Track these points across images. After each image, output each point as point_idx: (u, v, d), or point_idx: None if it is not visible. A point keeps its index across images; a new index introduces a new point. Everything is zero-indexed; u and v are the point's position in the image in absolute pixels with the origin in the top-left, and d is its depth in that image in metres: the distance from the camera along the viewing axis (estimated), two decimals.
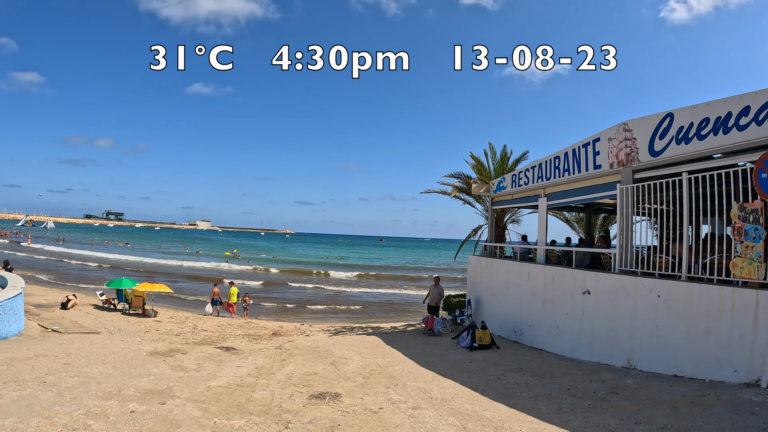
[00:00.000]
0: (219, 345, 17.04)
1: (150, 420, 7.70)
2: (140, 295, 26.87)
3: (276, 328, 23.46)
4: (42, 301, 26.79)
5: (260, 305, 35.58)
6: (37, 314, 21.55)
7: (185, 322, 24.73)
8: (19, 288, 16.52)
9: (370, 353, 15.36)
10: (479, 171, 24.84)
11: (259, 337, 20.28)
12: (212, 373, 11.60)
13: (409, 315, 31.95)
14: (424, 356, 14.87)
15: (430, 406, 9.04)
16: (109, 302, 28.21)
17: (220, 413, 8.30)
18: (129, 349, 14.41)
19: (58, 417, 7.49)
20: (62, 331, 18.28)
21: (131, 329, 21.68)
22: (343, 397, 9.61)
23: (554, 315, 15.31)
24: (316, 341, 18.38)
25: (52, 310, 24.19)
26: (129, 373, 10.95)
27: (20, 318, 16.08)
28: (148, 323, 23.81)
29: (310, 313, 33.29)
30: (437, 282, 23.37)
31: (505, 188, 20.89)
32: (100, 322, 22.56)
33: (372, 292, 47.17)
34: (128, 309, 27.07)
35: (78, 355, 12.61)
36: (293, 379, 11.25)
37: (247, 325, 24.71)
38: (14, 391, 8.70)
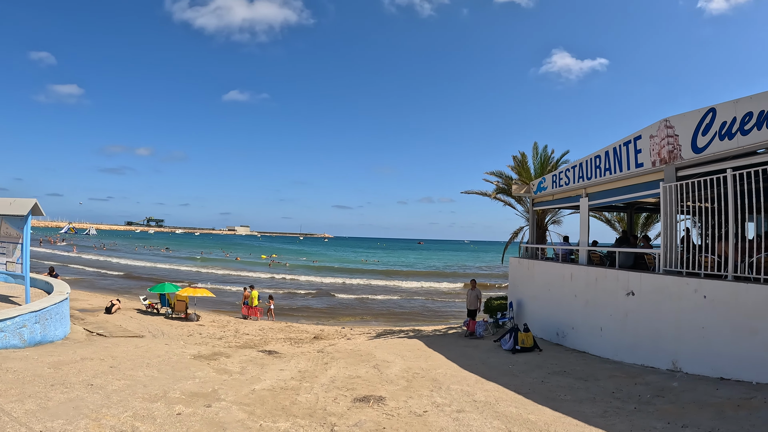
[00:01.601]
0: (261, 348, 17.18)
1: (196, 422, 7.80)
2: (183, 299, 27.30)
3: (317, 332, 23.58)
4: (86, 305, 27.30)
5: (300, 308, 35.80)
6: (82, 318, 21.98)
7: (227, 326, 24.99)
8: (64, 293, 16.86)
9: (412, 356, 15.36)
10: (520, 172, 24.68)
11: (301, 341, 20.41)
12: (256, 377, 11.70)
13: (450, 318, 31.86)
14: (467, 359, 14.82)
15: (474, 410, 9.02)
16: (152, 307, 28.72)
17: (266, 416, 8.37)
18: (173, 353, 14.61)
19: (106, 419, 7.61)
20: (107, 335, 18.63)
21: (174, 333, 22.01)
22: (387, 401, 9.63)
23: (597, 317, 15.13)
24: (357, 345, 18.43)
25: (97, 315, 24.64)
26: (174, 376, 11.09)
27: (66, 322, 16.43)
28: (190, 327, 24.13)
29: (350, 316, 33.36)
30: (473, 285, 23.24)
31: (545, 189, 20.72)
32: (144, 326, 22.93)
33: (412, 294, 47.07)
34: (171, 313, 27.54)
35: (123, 359, 12.81)
36: (337, 383, 11.30)
37: (288, 329, 24.87)
38: (62, 393, 8.84)
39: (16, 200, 16.11)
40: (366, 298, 43.68)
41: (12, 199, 16.28)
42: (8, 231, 16.37)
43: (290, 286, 51.02)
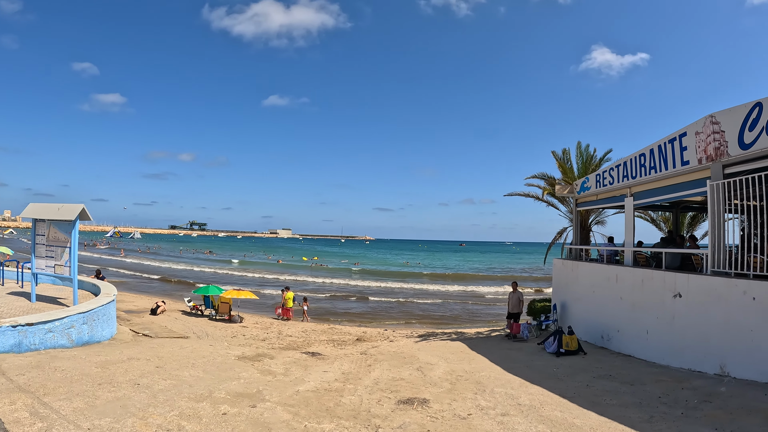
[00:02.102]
0: (305, 350, 17.29)
1: (242, 422, 7.86)
2: (227, 301, 27.66)
3: (360, 334, 23.65)
4: (132, 307, 27.80)
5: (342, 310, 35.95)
6: (128, 320, 22.38)
7: (270, 328, 25.22)
8: (111, 295, 17.19)
9: (455, 359, 15.31)
10: (564, 171, 24.43)
11: (344, 343, 20.48)
12: (300, 378, 11.77)
13: (493, 320, 31.68)
14: (510, 362, 14.71)
15: (519, 413, 8.95)
16: (197, 308, 29.18)
17: (310, 417, 8.40)
18: (218, 354, 14.78)
19: (153, 418, 7.71)
20: (153, 336, 18.93)
21: (219, 334, 22.28)
22: (431, 403, 9.60)
23: (643, 319, 14.87)
24: (400, 347, 18.43)
25: (142, 316, 25.08)
26: (219, 377, 11.22)
27: (113, 323, 16.75)
28: (234, 328, 24.41)
29: (392, 318, 33.42)
30: (515, 288, 23.03)
31: (589, 189, 20.46)
32: (189, 327, 23.25)
33: (454, 296, 46.93)
34: (215, 315, 27.91)
35: (169, 359, 13.01)
36: (380, 385, 11.30)
37: (330, 330, 25.01)
38: (109, 392, 8.99)
39: (64, 206, 16.47)
40: (408, 299, 43.67)
41: (60, 205, 16.65)
42: (56, 235, 16.75)
43: (332, 288, 51.23)
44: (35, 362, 11.08)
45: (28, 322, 12.52)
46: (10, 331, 12.09)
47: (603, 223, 24.75)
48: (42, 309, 15.95)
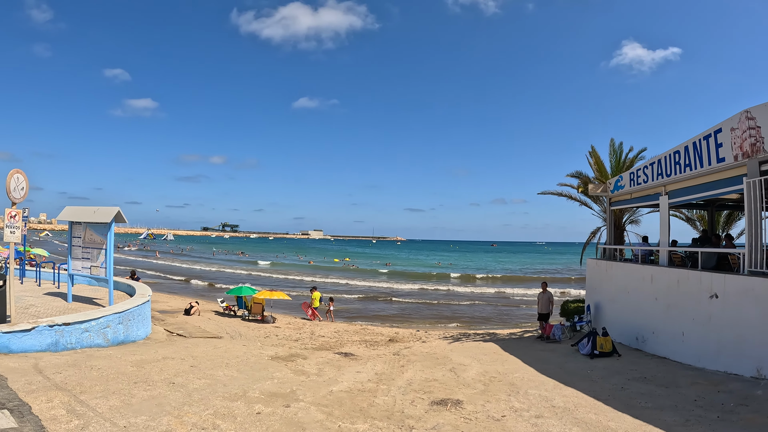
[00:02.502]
0: (337, 351, 17.34)
1: (276, 422, 7.91)
2: (260, 302, 27.84)
3: (392, 335, 23.65)
4: (166, 307, 28.12)
5: (374, 311, 35.97)
6: (162, 319, 22.62)
7: (303, 328, 25.32)
8: (146, 296, 17.43)
9: (488, 360, 15.24)
10: (597, 170, 24.17)
11: (376, 344, 20.49)
12: (333, 378, 11.81)
13: (526, 321, 31.46)
14: (544, 363, 14.60)
15: (553, 415, 8.88)
16: (230, 309, 29.41)
17: (344, 417, 8.42)
18: (251, 354, 14.87)
19: (188, 416, 7.80)
20: (187, 336, 19.11)
21: (252, 334, 22.42)
22: (465, 404, 9.57)
23: (678, 321, 14.65)
24: (433, 347, 18.40)
25: (176, 316, 25.35)
26: (253, 377, 11.30)
27: (147, 323, 16.97)
28: (267, 329, 24.55)
29: (424, 318, 33.33)
30: (545, 288, 22.83)
31: (623, 187, 20.22)
32: (222, 328, 23.44)
33: (486, 297, 46.67)
34: (248, 315, 28.10)
35: (203, 358, 13.16)
36: (413, 385, 11.29)
37: (363, 331, 25.04)
38: (145, 390, 9.13)
39: (100, 209, 16.75)
40: (439, 300, 43.52)
41: (96, 208, 16.93)
42: (92, 237, 17.02)
43: (363, 289, 51.27)
44: (72, 361, 11.25)
45: (64, 322, 12.73)
46: (47, 330, 12.31)
47: (637, 222, 24.47)
48: (78, 309, 16.23)
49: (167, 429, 7.18)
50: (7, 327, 11.97)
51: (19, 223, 13.89)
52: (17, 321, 12.97)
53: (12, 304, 13.29)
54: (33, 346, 12.04)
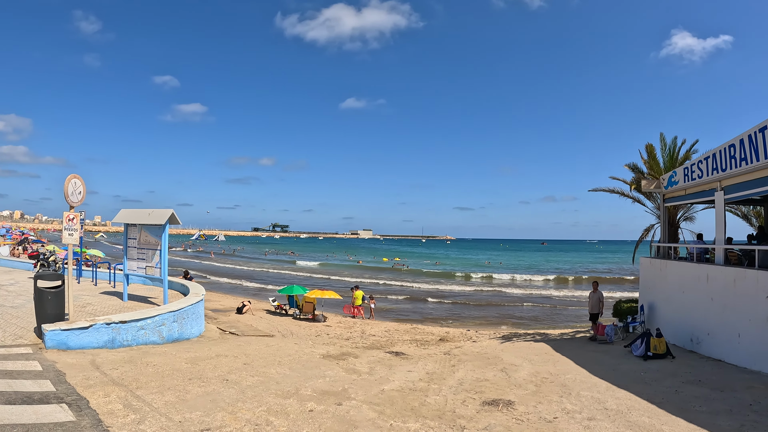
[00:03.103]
0: (388, 350, 17.37)
1: (328, 419, 7.95)
2: (311, 301, 28.10)
3: (442, 334, 23.61)
4: (218, 306, 28.57)
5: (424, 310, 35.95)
6: (215, 318, 23.00)
7: (353, 327, 25.44)
8: (200, 295, 17.72)
9: (539, 360, 15.09)
10: (650, 166, 23.69)
11: (427, 343, 20.48)
12: (385, 377, 11.82)
13: (577, 321, 31.11)
14: (596, 365, 14.38)
15: (605, 418, 8.75)
16: (281, 308, 29.76)
17: (396, 416, 8.42)
18: (303, 352, 15.00)
19: (242, 413, 7.90)
20: (239, 334, 19.39)
21: (303, 333, 22.62)
22: (516, 405, 9.49)
23: (735, 322, 14.26)
24: (484, 347, 18.31)
25: (229, 315, 25.74)
26: (305, 375, 11.39)
27: (201, 321, 17.27)
28: (318, 328, 24.76)
29: (474, 318, 33.21)
30: (595, 287, 22.51)
31: (676, 183, 19.76)
32: (273, 326, 23.71)
33: (537, 296, 46.23)
34: (299, 314, 28.37)
35: (256, 356, 13.35)
36: (465, 385, 11.24)
37: (413, 330, 25.05)
38: (199, 387, 9.31)
39: (154, 211, 17.13)
40: (490, 300, 43.29)
41: (150, 210, 17.32)
42: (147, 239, 17.41)
43: (413, 288, 51.27)
44: (128, 357, 11.52)
45: (121, 320, 13.03)
46: (104, 328, 12.61)
47: (692, 219, 23.87)
48: (133, 307, 16.61)
49: (221, 424, 7.29)
50: (65, 324, 12.32)
51: (77, 225, 14.24)
52: (75, 319, 13.35)
53: (70, 303, 13.66)
54: (90, 342, 12.36)
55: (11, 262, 34.60)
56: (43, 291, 12.92)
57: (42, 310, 12.89)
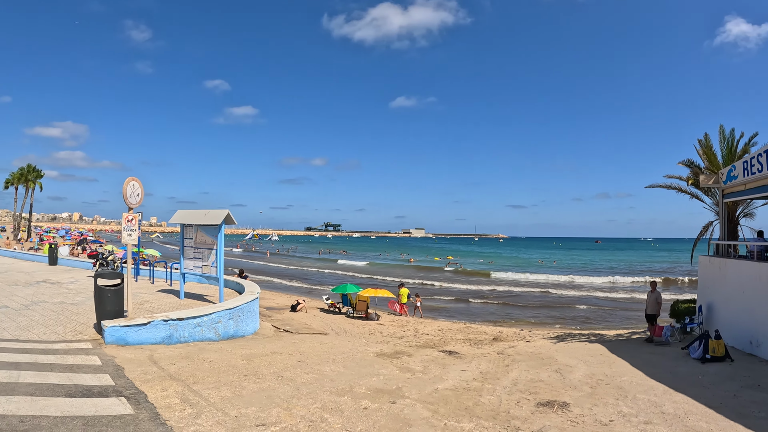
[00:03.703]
0: (441, 349, 17.33)
1: (382, 417, 7.98)
2: (364, 299, 28.23)
3: (496, 334, 23.50)
4: (273, 304, 28.91)
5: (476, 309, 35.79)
6: (269, 316, 23.24)
7: (406, 326, 25.47)
8: (255, 293, 17.93)
9: (594, 362, 14.88)
10: (708, 160, 23.05)
11: (480, 342, 20.39)
12: (438, 376, 11.80)
13: (632, 322, 30.60)
14: (652, 367, 14.08)
15: (662, 422, 8.58)
16: (334, 306, 29.99)
17: (449, 415, 8.40)
18: (356, 350, 15.09)
19: (297, 409, 7.99)
20: (293, 332, 19.55)
21: (356, 331, 22.74)
22: (572, 407, 9.37)
23: None
24: (537, 347, 18.14)
25: (282, 313, 26.00)
26: (359, 373, 11.45)
27: (256, 319, 17.46)
28: (371, 326, 24.85)
29: (528, 317, 32.94)
30: (654, 287, 22.02)
31: (735, 177, 19.13)
32: (327, 324, 23.88)
33: (591, 296, 45.57)
34: (352, 312, 28.52)
35: (310, 354, 13.47)
36: (519, 386, 11.15)
37: (466, 329, 24.98)
38: (254, 383, 9.46)
39: (210, 211, 17.46)
40: (543, 299, 42.93)
41: (206, 211, 17.65)
42: (203, 238, 17.73)
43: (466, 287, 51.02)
44: (184, 353, 11.75)
45: (178, 317, 13.30)
46: (162, 324, 12.89)
47: (751, 215, 23.10)
48: (190, 305, 16.96)
49: (277, 420, 7.39)
50: (124, 321, 12.63)
51: (136, 226, 14.58)
52: (133, 316, 13.66)
53: (129, 301, 14.00)
54: (148, 338, 12.64)
55: (71, 262, 35.81)
56: (103, 289, 13.28)
57: (102, 307, 13.26)
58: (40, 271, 29.50)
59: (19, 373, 8.64)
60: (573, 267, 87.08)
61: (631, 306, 39.13)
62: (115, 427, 6.55)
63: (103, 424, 6.57)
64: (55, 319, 15.05)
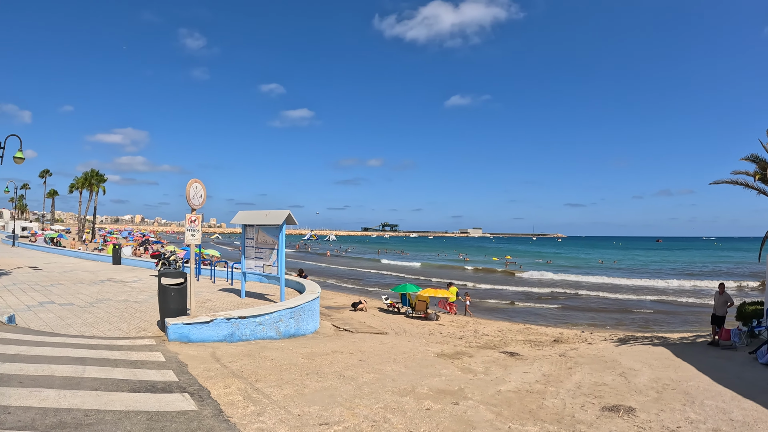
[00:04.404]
0: (502, 350, 17.20)
1: (445, 419, 7.89)
2: (424, 299, 28.22)
3: (556, 335, 23.23)
4: (332, 303, 29.17)
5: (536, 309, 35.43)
6: (329, 315, 23.42)
7: (466, 326, 25.38)
8: (315, 293, 18.10)
9: (659, 365, 14.53)
10: None
11: (541, 344, 20.18)
12: (500, 378, 11.68)
13: (696, 325, 29.86)
14: (718, 372, 13.68)
15: (731, 429, 8.30)
16: (393, 306, 30.05)
17: (513, 418, 8.29)
18: (417, 350, 15.06)
19: (359, 409, 7.98)
20: (353, 331, 19.65)
21: (416, 331, 22.74)
22: (638, 412, 9.14)
23: None
24: (600, 350, 17.85)
25: (342, 312, 26.22)
26: (420, 373, 11.40)
27: (316, 318, 17.63)
28: (430, 326, 24.85)
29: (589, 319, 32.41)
30: (722, 289, 21.42)
31: None
32: (386, 324, 23.94)
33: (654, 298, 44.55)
34: (411, 312, 28.53)
35: (371, 353, 13.50)
36: (583, 389, 10.96)
37: (527, 330, 24.79)
38: (316, 382, 9.48)
39: (271, 212, 17.72)
40: (605, 300, 42.17)
41: (267, 212, 17.92)
42: (264, 239, 17.98)
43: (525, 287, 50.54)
44: (246, 351, 11.89)
45: (240, 315, 13.50)
46: (224, 322, 13.08)
47: None
48: (251, 304, 17.24)
49: (339, 419, 7.39)
50: (187, 319, 12.87)
51: (199, 226, 14.87)
52: (196, 314, 13.93)
53: (192, 299, 14.29)
54: (211, 336, 12.84)
55: (134, 261, 36.94)
56: (167, 288, 13.59)
57: (165, 305, 13.58)
58: (104, 271, 30.40)
59: (85, 368, 8.86)
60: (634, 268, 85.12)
61: (693, 309, 38.22)
62: (179, 422, 6.65)
63: (166, 420, 6.68)
64: (119, 316, 15.44)
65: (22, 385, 7.66)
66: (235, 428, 6.66)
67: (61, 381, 8.02)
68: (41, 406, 6.75)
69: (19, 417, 6.33)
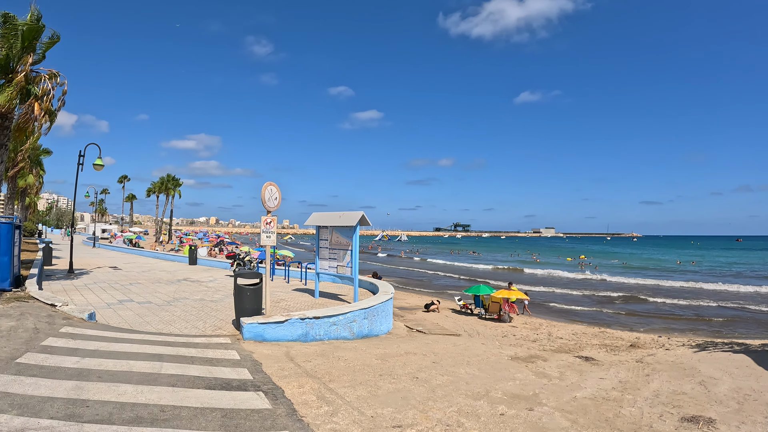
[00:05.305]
0: (577, 354, 16.90)
1: (520, 425, 7.80)
2: (497, 301, 28.04)
3: (632, 340, 22.71)
4: (404, 304, 29.24)
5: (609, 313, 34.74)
6: (401, 316, 23.52)
7: (539, 329, 25.09)
8: (389, 293, 18.21)
9: (740, 374, 14.01)
10: None
11: (617, 348, 19.77)
12: (576, 383, 11.47)
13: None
14: None
15: None
16: (466, 307, 29.99)
17: (589, 426, 8.13)
18: (490, 353, 14.90)
19: (432, 412, 7.95)
20: (426, 332, 19.68)
21: (489, 333, 22.61)
22: (718, 424, 8.83)
23: None
24: (678, 356, 17.34)
25: (415, 313, 26.28)
26: (494, 376, 11.29)
27: (389, 319, 17.71)
28: (504, 328, 24.66)
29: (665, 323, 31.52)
30: None
31: None
32: (459, 325, 23.90)
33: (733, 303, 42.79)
34: (484, 314, 28.38)
35: (444, 355, 13.41)
36: (661, 398, 10.66)
37: (602, 334, 24.34)
38: (389, 383, 9.50)
39: (345, 213, 17.94)
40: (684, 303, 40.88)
41: (341, 213, 18.14)
42: (338, 240, 18.18)
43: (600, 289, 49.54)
44: (320, 351, 12.03)
45: (315, 316, 13.68)
46: (298, 322, 13.29)
47: None
48: (324, 304, 17.46)
49: (413, 422, 7.40)
50: (262, 318, 13.13)
51: (274, 228, 15.13)
52: (271, 314, 14.19)
53: (267, 299, 14.54)
54: (284, 336, 13.05)
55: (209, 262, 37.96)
56: (243, 288, 13.90)
57: (241, 304, 13.91)
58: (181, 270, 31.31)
59: (162, 365, 9.14)
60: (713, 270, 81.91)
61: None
62: (253, 420, 6.78)
63: (241, 417, 6.82)
64: (195, 314, 15.86)
65: (101, 379, 7.95)
66: (309, 428, 6.75)
67: (138, 377, 8.29)
68: (119, 401, 7.00)
69: (97, 411, 6.57)
